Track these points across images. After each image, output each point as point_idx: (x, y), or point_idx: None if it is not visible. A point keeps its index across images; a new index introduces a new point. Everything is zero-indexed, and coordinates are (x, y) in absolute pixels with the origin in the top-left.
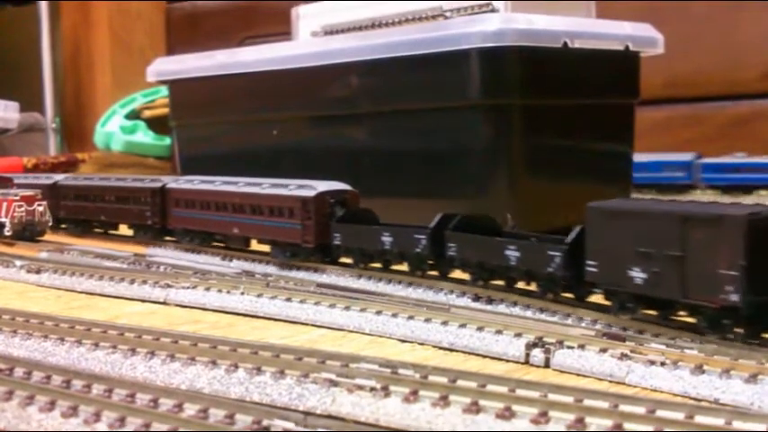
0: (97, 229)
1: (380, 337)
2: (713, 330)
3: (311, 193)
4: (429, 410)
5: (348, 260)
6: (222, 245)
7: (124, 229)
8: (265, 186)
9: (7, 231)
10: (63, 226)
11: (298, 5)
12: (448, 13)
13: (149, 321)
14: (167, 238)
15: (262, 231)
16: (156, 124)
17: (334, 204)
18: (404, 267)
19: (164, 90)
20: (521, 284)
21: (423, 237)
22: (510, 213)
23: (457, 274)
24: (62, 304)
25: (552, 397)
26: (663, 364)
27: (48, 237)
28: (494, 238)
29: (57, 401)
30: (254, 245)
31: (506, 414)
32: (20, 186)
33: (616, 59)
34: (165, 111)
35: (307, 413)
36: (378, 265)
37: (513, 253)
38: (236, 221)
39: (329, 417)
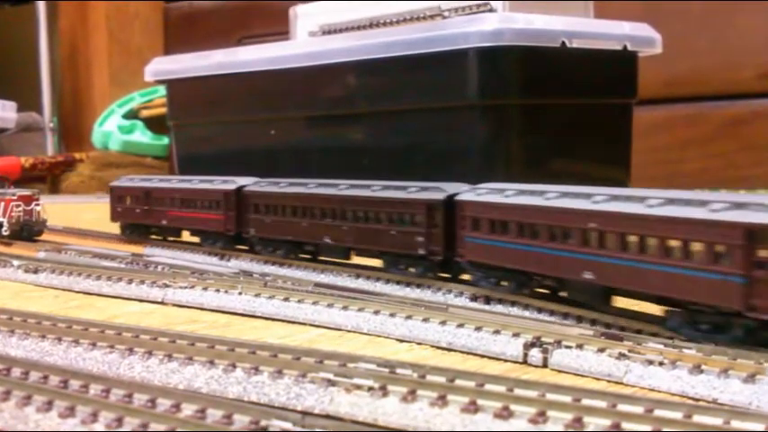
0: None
1: (378, 336)
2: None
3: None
4: (427, 410)
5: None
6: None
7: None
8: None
9: (5, 231)
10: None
11: (295, 5)
12: (446, 13)
13: (147, 321)
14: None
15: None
16: (154, 124)
17: None
18: None
19: (161, 90)
20: None
21: None
22: None
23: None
24: (59, 304)
25: (550, 396)
26: (661, 363)
27: (45, 236)
28: None
29: (54, 401)
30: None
31: (504, 414)
32: (187, 194)
33: (614, 59)
34: (163, 110)
35: (305, 413)
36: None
37: None
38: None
39: (327, 416)
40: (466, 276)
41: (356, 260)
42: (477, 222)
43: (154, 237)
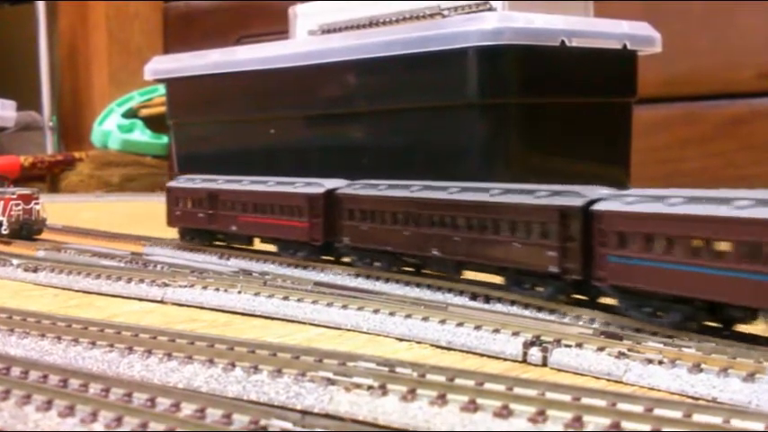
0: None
1: (378, 335)
2: None
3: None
4: (427, 409)
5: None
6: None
7: None
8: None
9: (4, 230)
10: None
11: (295, 5)
12: (445, 12)
13: (146, 320)
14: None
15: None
16: (154, 123)
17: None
18: None
19: (161, 88)
20: None
21: None
22: None
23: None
24: (59, 303)
25: (550, 395)
26: (660, 362)
27: (45, 235)
28: None
29: (54, 401)
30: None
31: (504, 413)
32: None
33: (614, 58)
34: (162, 109)
35: (304, 412)
36: None
37: None
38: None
39: (327, 416)
40: (610, 301)
41: (469, 275)
42: (623, 238)
43: (218, 243)
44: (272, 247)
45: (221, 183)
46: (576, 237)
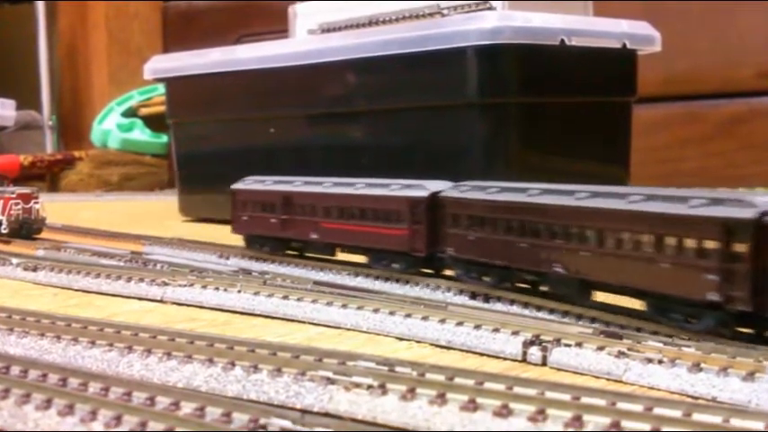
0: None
1: (377, 334)
2: None
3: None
4: (426, 408)
5: None
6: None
7: None
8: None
9: (4, 229)
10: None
11: (295, 4)
12: (445, 11)
13: (146, 319)
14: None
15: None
16: (153, 122)
17: None
18: None
19: (160, 88)
20: None
21: None
22: None
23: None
24: (58, 302)
25: (549, 395)
26: (660, 361)
27: (44, 234)
28: None
29: (53, 400)
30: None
31: (504, 412)
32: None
33: (613, 57)
34: (162, 108)
35: (304, 411)
36: None
37: None
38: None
39: (326, 415)
40: None
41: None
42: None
43: (291, 252)
44: (354, 257)
45: (298, 184)
46: (747, 258)
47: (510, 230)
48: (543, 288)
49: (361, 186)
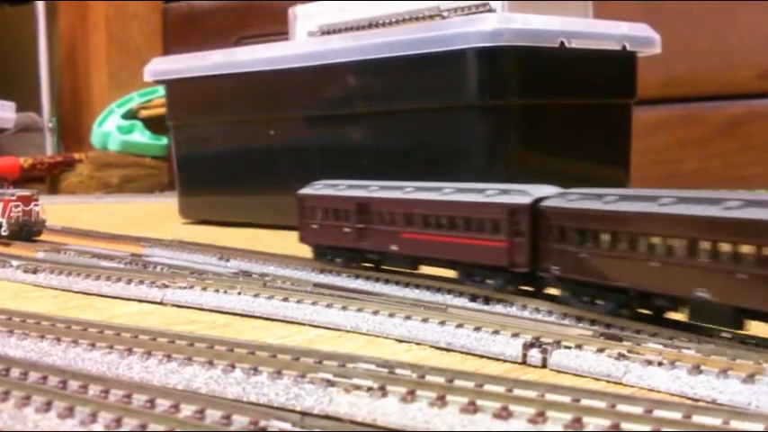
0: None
1: (377, 336)
2: None
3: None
4: (426, 410)
5: None
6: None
7: None
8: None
9: (4, 231)
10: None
11: (295, 5)
12: (445, 13)
13: (146, 321)
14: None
15: None
16: (153, 124)
17: None
18: None
19: (160, 90)
20: None
21: None
22: None
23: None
24: (59, 304)
25: (549, 397)
26: (660, 364)
27: (44, 236)
28: None
29: (53, 402)
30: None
31: (504, 414)
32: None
33: (613, 59)
34: (162, 110)
35: (304, 413)
36: None
37: None
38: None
39: (326, 417)
40: None
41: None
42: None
43: (366, 264)
44: (443, 272)
45: (374, 189)
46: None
47: (633, 247)
48: (673, 315)
49: (449, 191)
